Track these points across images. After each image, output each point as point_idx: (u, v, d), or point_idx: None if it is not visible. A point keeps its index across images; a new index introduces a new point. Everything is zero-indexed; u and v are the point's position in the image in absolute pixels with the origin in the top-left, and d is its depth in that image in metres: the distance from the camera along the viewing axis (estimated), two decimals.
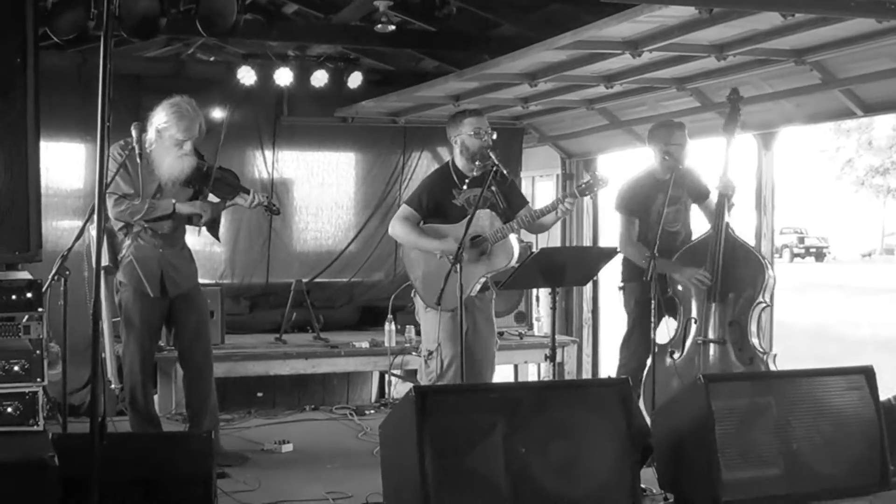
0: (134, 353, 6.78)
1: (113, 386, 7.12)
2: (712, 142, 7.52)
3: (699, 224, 7.77)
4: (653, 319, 6.85)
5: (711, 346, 7.11)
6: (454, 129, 7.13)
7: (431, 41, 10.24)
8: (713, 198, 7.40)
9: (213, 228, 7.09)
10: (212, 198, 6.91)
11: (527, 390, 6.07)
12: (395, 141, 11.60)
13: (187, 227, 6.99)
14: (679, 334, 7.25)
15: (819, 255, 56.37)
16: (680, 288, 7.27)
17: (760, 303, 7.13)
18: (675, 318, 7.37)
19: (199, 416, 6.95)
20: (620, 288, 7.86)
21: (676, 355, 7.17)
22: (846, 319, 24.28)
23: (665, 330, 7.36)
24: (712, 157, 7.59)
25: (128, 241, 6.72)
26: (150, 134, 6.59)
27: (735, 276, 7.12)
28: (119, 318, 6.93)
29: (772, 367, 7.11)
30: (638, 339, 7.57)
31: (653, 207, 7.49)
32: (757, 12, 6.14)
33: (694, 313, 7.20)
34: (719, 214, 7.20)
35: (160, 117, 6.58)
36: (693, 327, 7.20)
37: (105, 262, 6.73)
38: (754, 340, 7.14)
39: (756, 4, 6.02)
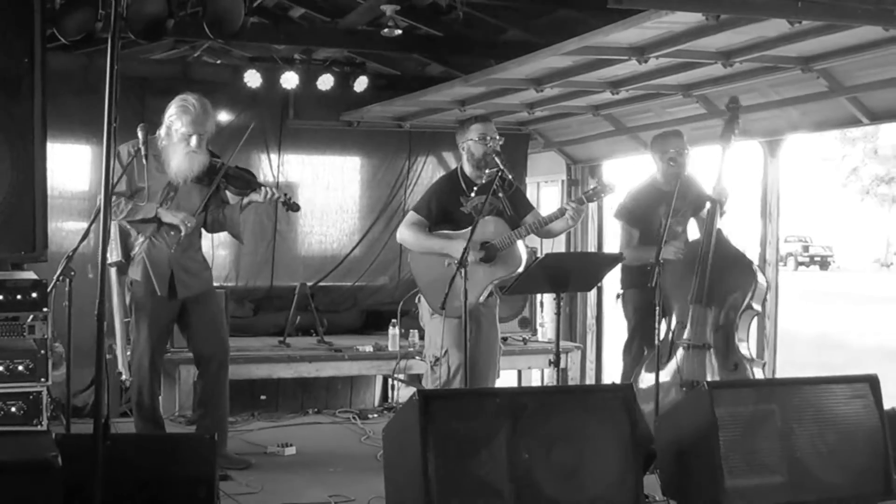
0: (143, 352, 6.77)
1: (123, 377, 7.13)
2: (718, 149, 7.49)
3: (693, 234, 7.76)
4: (656, 326, 6.84)
5: (696, 350, 7.08)
6: (461, 136, 7.13)
7: (438, 46, 10.25)
8: (707, 205, 7.36)
9: (234, 229, 7.09)
10: (232, 198, 6.92)
11: (530, 396, 6.04)
12: (400, 145, 11.61)
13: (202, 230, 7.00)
14: (668, 338, 7.22)
15: (823, 263, 56.32)
16: (668, 292, 7.22)
17: (750, 310, 7.09)
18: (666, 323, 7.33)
19: (209, 419, 6.94)
20: (619, 296, 7.86)
21: (664, 360, 7.14)
22: (851, 328, 24.26)
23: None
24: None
25: (141, 239, 6.72)
26: (162, 131, 6.64)
27: (724, 280, 7.08)
28: (130, 319, 6.94)
29: (759, 374, 7.09)
30: (638, 346, 7.60)
31: (654, 218, 7.51)
32: (764, 19, 6.14)
33: (679, 317, 7.18)
34: (711, 219, 7.17)
35: (169, 112, 6.66)
36: (678, 331, 7.18)
37: (118, 257, 6.76)
38: (742, 347, 7.10)
39: (763, 11, 6.02)
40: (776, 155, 9.14)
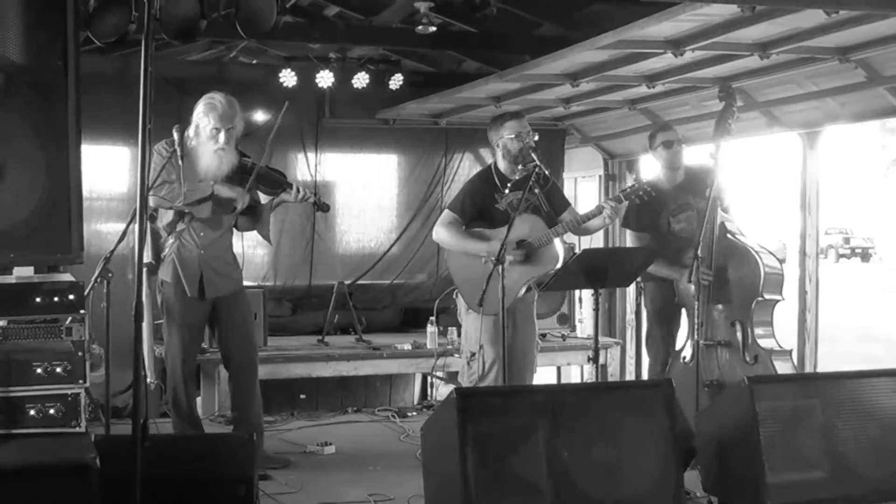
0: (176, 353, 6.80)
1: (149, 380, 7.14)
2: (757, 141, 7.44)
3: None
4: (696, 321, 6.81)
5: (711, 348, 7.03)
6: (495, 133, 7.12)
7: (472, 42, 10.24)
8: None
9: (263, 229, 7.10)
10: (263, 198, 6.93)
11: (569, 392, 6.04)
12: (436, 143, 11.58)
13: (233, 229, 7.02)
14: (687, 339, 7.19)
15: (865, 255, 55.89)
16: (683, 293, 7.20)
17: (763, 300, 7.01)
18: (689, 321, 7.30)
19: (243, 420, 6.96)
20: (641, 288, 7.86)
21: (686, 359, 7.11)
22: (893, 321, 24.04)
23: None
24: (756, 155, 7.49)
25: (171, 240, 6.76)
26: (191, 130, 6.66)
27: (729, 276, 7.01)
28: (161, 321, 6.97)
29: (782, 366, 6.93)
30: (657, 340, 7.59)
31: (661, 218, 7.55)
32: (800, 10, 6.09)
33: (698, 317, 7.12)
34: (710, 216, 7.02)
35: (196, 111, 6.71)
36: (698, 329, 7.14)
37: (149, 259, 6.79)
38: (760, 338, 6.97)
39: (799, 2, 5.97)
40: (815, 146, 9.05)
